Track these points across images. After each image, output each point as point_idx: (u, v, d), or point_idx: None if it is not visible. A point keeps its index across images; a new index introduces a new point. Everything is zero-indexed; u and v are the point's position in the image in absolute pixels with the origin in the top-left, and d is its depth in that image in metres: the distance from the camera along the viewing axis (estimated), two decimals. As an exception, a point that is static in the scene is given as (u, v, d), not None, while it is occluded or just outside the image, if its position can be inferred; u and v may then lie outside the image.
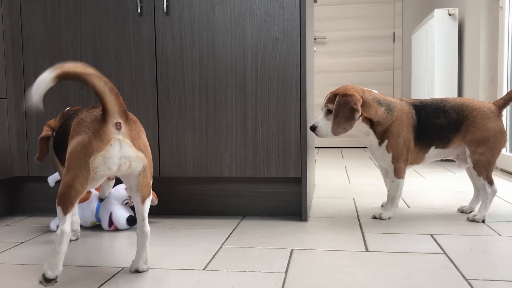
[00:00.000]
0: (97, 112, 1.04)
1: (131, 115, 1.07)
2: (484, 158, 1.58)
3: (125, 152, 1.02)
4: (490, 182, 1.60)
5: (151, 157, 1.11)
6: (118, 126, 1.01)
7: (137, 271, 1.14)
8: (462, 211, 1.76)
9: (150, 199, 1.13)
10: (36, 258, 1.28)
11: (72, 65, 0.96)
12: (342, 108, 1.57)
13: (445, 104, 1.62)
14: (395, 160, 1.62)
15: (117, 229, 1.56)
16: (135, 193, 1.10)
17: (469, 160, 1.60)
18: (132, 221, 1.56)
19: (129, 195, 1.54)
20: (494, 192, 1.60)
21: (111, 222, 1.55)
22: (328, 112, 1.62)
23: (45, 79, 0.93)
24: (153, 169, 1.63)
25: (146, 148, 1.08)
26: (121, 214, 1.54)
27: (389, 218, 1.68)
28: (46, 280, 0.99)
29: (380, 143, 1.63)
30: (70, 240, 1.43)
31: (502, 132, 1.59)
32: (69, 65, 0.96)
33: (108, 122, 1.01)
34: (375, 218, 1.68)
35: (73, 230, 1.42)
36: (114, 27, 1.69)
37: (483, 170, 1.58)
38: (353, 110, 1.55)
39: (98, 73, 0.98)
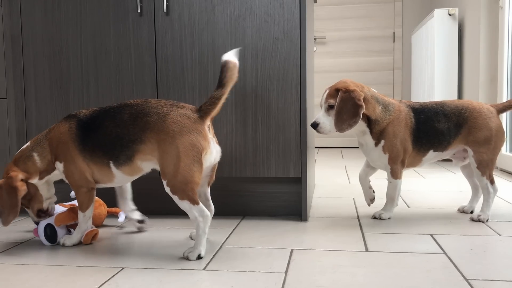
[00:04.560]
0: (190, 114, 1.24)
1: None
2: (487, 158, 1.58)
3: (217, 148, 1.30)
4: (492, 182, 1.60)
5: None
6: (209, 128, 1.27)
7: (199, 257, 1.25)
8: (462, 211, 1.76)
9: None
10: (36, 258, 1.28)
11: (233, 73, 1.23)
12: (346, 104, 1.53)
13: (444, 107, 1.61)
14: (391, 161, 1.60)
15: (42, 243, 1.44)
16: (205, 179, 1.35)
17: (472, 160, 1.60)
18: (51, 234, 1.41)
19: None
20: (495, 191, 1.61)
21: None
22: (329, 107, 1.58)
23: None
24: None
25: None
26: (42, 224, 1.41)
27: (389, 218, 1.68)
28: (199, 258, 1.24)
29: (376, 144, 1.61)
30: (141, 231, 1.56)
31: (502, 131, 1.60)
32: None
33: (205, 125, 1.25)
34: (375, 218, 1.68)
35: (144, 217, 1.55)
36: (114, 27, 1.69)
37: (486, 169, 1.59)
38: (358, 106, 1.52)
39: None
